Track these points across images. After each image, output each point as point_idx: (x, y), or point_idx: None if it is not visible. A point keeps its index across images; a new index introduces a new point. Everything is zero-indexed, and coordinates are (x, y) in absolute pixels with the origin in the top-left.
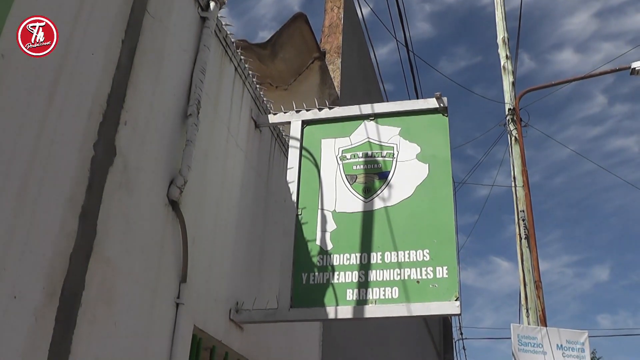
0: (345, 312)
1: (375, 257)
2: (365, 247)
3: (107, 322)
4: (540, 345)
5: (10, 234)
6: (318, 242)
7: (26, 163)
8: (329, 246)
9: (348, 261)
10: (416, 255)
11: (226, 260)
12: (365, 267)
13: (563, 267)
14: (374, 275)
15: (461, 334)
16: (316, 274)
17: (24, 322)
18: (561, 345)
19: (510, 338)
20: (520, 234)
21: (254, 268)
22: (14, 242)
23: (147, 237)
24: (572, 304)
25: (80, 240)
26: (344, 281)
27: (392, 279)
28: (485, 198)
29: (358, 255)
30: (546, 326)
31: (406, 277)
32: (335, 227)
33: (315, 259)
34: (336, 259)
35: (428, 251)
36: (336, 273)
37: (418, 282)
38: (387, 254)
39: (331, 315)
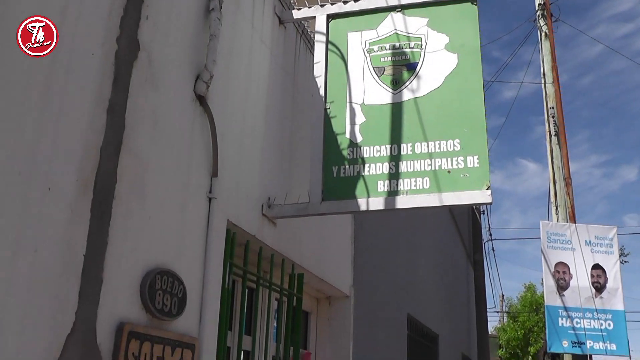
0: (376, 203)
1: (406, 148)
2: (395, 138)
3: (141, 216)
4: (569, 242)
5: (38, 127)
6: (347, 135)
7: (49, 56)
8: (359, 139)
9: (378, 153)
10: (447, 145)
11: (256, 155)
12: (395, 158)
13: (591, 168)
14: (404, 166)
15: (490, 234)
16: (346, 166)
17: (60, 213)
18: (590, 241)
19: (539, 237)
20: (550, 131)
21: (284, 163)
22: (43, 135)
23: (175, 132)
24: (600, 204)
25: (109, 134)
26: (374, 173)
27: (422, 169)
28: (512, 100)
29: (388, 146)
30: (575, 223)
31: (437, 168)
32: (365, 119)
33: (345, 152)
34: (366, 151)
35: (459, 141)
36: (366, 165)
37: (449, 172)
38: (417, 144)
39: (363, 207)
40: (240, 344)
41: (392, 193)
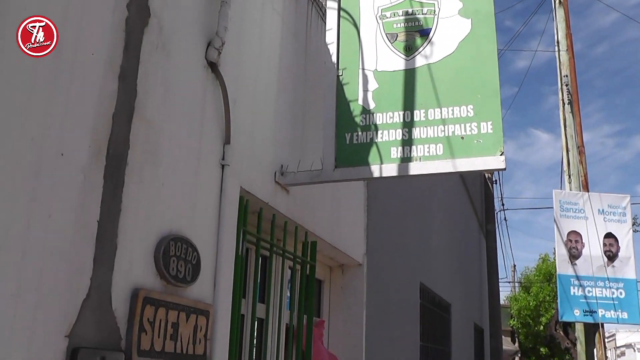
0: (389, 169)
1: (419, 115)
2: (408, 105)
3: (154, 182)
4: (582, 211)
5: (49, 93)
6: (360, 102)
7: (59, 21)
8: (372, 105)
9: (391, 119)
10: (460, 111)
11: (269, 122)
12: (408, 124)
13: (604, 138)
14: (417, 132)
15: (502, 204)
16: (359, 133)
17: (73, 179)
18: (603, 210)
19: (551, 207)
20: (563, 100)
21: (297, 131)
22: (55, 101)
23: (187, 99)
24: (613, 174)
25: (121, 101)
26: (387, 139)
27: (436, 135)
28: (525, 70)
29: (401, 113)
30: (588, 191)
31: (450, 134)
32: (377, 86)
33: (358, 119)
34: (379, 118)
35: (472, 107)
36: (379, 132)
37: (462, 138)
38: (430, 111)
39: (376, 174)
40: (254, 312)
41: (405, 159)
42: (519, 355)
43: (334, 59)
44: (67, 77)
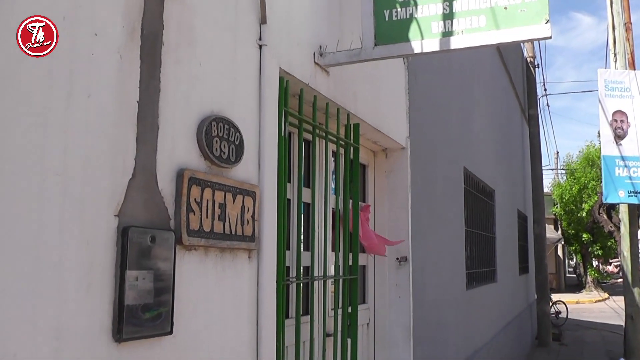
0: (431, 44)
1: None
2: None
3: (191, 63)
4: (628, 89)
5: None
6: None
7: None
8: None
9: None
10: None
11: (305, 1)
12: None
13: None
14: (459, 5)
15: (545, 89)
16: (398, 9)
17: (109, 59)
18: None
19: (595, 90)
20: None
21: (334, 10)
22: None
23: None
24: None
25: None
26: (428, 15)
27: (478, 7)
28: None
29: None
30: (635, 70)
31: (493, 4)
32: None
33: None
34: None
35: None
36: (419, 7)
37: (506, 8)
38: None
39: (417, 50)
40: (300, 196)
41: (447, 34)
42: (562, 242)
43: None
44: None
